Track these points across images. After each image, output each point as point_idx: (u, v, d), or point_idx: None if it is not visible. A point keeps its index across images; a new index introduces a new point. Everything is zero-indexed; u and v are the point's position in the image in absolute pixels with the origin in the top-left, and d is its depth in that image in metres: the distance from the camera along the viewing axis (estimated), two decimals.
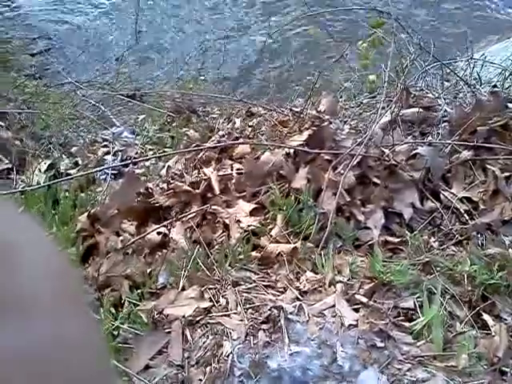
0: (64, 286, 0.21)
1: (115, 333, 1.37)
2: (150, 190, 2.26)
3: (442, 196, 1.92)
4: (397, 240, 1.80)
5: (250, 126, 2.52)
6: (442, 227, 1.85)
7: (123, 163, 2.54)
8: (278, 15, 4.08)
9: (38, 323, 0.18)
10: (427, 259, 1.64)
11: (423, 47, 2.10)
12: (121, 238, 2.00)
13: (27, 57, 4.71)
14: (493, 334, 1.40)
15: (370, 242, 1.76)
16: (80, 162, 2.79)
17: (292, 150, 1.99)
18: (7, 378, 0.16)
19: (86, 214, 2.09)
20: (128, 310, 1.42)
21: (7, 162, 2.69)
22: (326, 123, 2.00)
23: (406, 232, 1.82)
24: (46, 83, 4.04)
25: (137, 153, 3.17)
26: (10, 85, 3.28)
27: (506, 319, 1.45)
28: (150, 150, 3.21)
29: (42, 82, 3.95)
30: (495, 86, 2.35)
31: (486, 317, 1.45)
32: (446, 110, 2.08)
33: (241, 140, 2.26)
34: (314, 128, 2.00)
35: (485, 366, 1.27)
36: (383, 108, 1.99)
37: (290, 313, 1.35)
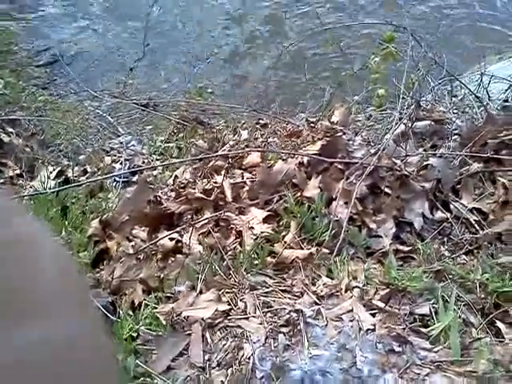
0: (71, 287, 0.21)
1: (134, 335, 1.37)
2: (159, 198, 2.28)
3: (452, 206, 1.95)
4: (407, 249, 1.82)
5: (261, 136, 2.55)
6: (452, 237, 1.88)
7: (141, 168, 2.56)
8: (291, 29, 4.16)
9: (51, 324, 0.18)
10: (439, 267, 1.66)
11: (438, 62, 2.15)
12: (132, 243, 2.02)
13: (34, 68, 4.76)
14: (507, 341, 1.42)
15: (382, 250, 1.78)
16: (89, 170, 2.81)
17: (305, 160, 2.02)
18: (21, 379, 0.17)
19: (97, 219, 2.11)
20: (146, 313, 1.43)
21: (16, 168, 2.71)
22: (339, 134, 2.04)
23: (417, 241, 1.84)
24: (52, 93, 4.08)
25: (143, 162, 3.19)
26: (22, 93, 3.32)
27: None
28: (157, 160, 3.24)
29: (49, 91, 3.99)
30: (507, 100, 2.41)
31: (499, 324, 1.47)
32: (456, 124, 2.13)
33: (258, 148, 2.28)
34: (328, 138, 2.03)
35: (503, 372, 1.28)
36: (397, 120, 2.03)
37: (309, 316, 1.36)
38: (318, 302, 1.42)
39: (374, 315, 1.41)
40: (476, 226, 1.85)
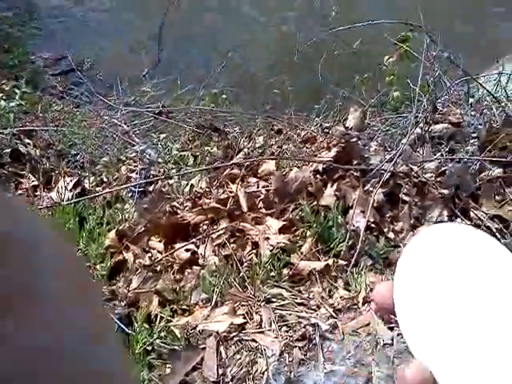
0: (80, 282, 0.20)
1: (149, 348, 1.36)
2: (175, 209, 2.28)
3: (471, 214, 1.90)
4: None
5: (275, 143, 2.54)
6: None
7: (156, 179, 2.57)
8: (301, 33, 4.15)
9: (61, 320, 0.18)
10: None
11: (454, 62, 2.10)
12: (149, 254, 2.02)
13: (51, 77, 4.84)
14: None
15: None
16: (105, 180, 2.82)
17: (320, 167, 1.99)
18: (29, 377, 0.16)
19: (114, 230, 2.12)
20: (161, 326, 1.42)
21: (34, 179, 2.74)
22: (354, 139, 2.01)
23: None
24: (69, 103, 4.13)
25: (159, 171, 3.20)
26: (38, 103, 3.37)
27: None
28: (173, 168, 3.24)
29: (67, 101, 4.04)
30: None
31: None
32: (474, 126, 2.08)
33: (272, 156, 2.27)
34: (342, 145, 2.00)
35: None
36: (413, 124, 2.00)
37: (325, 330, 1.34)
38: (334, 315, 1.40)
39: (392, 329, 1.38)
40: (497, 234, 1.80)
